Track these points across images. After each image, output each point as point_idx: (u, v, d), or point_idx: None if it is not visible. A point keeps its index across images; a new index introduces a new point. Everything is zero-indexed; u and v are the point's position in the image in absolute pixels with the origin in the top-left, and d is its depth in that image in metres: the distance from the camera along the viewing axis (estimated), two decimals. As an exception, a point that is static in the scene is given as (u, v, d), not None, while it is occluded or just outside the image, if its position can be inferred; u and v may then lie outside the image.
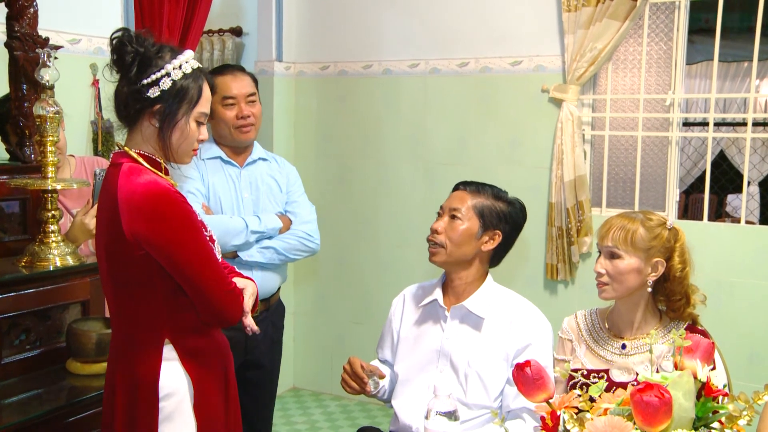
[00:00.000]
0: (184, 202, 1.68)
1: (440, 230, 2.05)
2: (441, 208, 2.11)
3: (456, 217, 2.04)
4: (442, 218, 2.08)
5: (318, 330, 4.41)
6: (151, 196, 1.63)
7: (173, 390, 1.71)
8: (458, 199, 2.08)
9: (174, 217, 1.65)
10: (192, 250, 1.66)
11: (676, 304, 1.96)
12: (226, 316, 1.74)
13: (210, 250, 1.71)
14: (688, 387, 1.24)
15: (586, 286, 3.55)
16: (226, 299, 1.73)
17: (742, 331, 3.24)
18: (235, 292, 1.76)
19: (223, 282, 1.72)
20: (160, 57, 1.69)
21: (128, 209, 1.63)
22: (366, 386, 2.00)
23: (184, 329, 1.74)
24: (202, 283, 1.67)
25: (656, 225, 1.95)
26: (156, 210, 1.63)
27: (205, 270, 1.68)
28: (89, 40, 3.15)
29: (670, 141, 3.53)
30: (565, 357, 2.07)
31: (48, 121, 2.15)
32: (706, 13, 5.39)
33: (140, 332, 1.73)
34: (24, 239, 2.33)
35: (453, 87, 3.88)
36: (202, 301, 1.70)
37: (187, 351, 1.73)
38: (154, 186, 1.65)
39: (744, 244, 3.28)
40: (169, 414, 1.70)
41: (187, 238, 1.66)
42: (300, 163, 3.91)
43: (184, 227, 1.66)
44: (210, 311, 1.71)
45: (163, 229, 1.63)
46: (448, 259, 2.06)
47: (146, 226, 1.63)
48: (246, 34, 4.46)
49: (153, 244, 1.63)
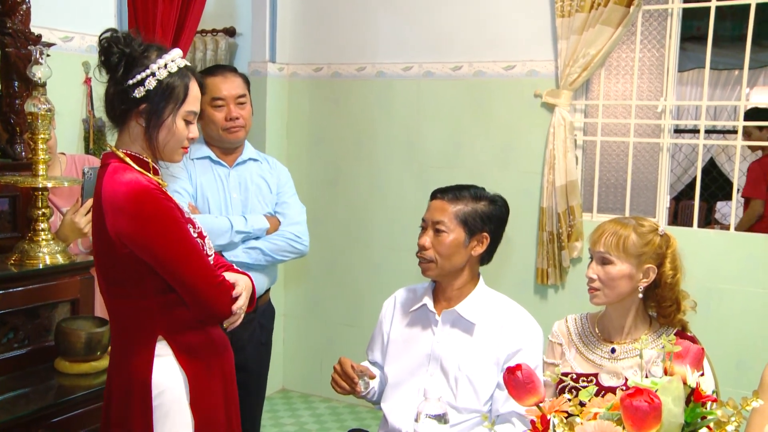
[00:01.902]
0: (165, 200, 1.69)
1: (427, 245, 2.03)
2: (423, 220, 2.08)
3: (440, 230, 2.02)
4: (426, 233, 2.05)
5: (308, 332, 4.40)
6: (132, 194, 1.64)
7: (167, 387, 1.71)
8: (439, 210, 2.05)
9: (155, 215, 1.66)
10: (175, 247, 1.67)
11: (667, 310, 1.97)
12: (216, 309, 1.75)
13: (195, 245, 1.72)
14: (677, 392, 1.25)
15: (576, 290, 3.56)
16: (214, 292, 1.73)
17: (730, 337, 3.26)
18: (224, 285, 1.76)
19: (210, 275, 1.72)
20: (145, 57, 1.70)
21: (111, 208, 1.65)
22: (356, 386, 2.01)
23: (178, 325, 1.74)
24: (189, 278, 1.68)
25: (648, 231, 1.95)
26: (137, 208, 1.64)
27: (190, 265, 1.68)
28: (82, 38, 3.13)
29: (661, 147, 3.55)
30: (554, 361, 2.08)
31: (39, 118, 2.14)
32: (698, 21, 5.43)
33: (133, 330, 1.73)
34: (14, 237, 2.32)
35: (446, 90, 3.88)
36: (190, 296, 1.70)
37: (182, 347, 1.74)
38: (135, 185, 1.65)
39: (733, 251, 3.30)
40: (164, 411, 1.70)
41: (170, 234, 1.67)
42: (292, 164, 3.90)
43: (166, 224, 1.67)
44: (199, 305, 1.72)
45: (145, 227, 1.64)
46: (441, 272, 2.05)
47: (128, 224, 1.64)
48: (239, 34, 4.45)
49: (136, 243, 1.65)
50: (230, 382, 1.87)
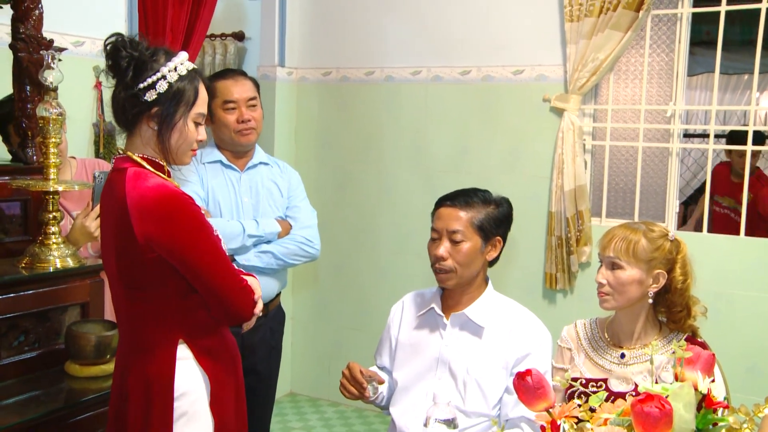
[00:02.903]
0: (193, 204, 1.71)
1: (445, 256, 2.00)
2: (435, 230, 2.03)
3: (458, 240, 1.99)
4: (441, 242, 2.01)
5: (316, 336, 4.40)
6: (162, 199, 1.66)
7: (189, 389, 1.73)
8: (452, 218, 2.01)
9: (185, 219, 1.68)
10: (204, 250, 1.69)
11: (677, 316, 1.96)
12: (240, 312, 1.77)
13: (221, 249, 1.75)
14: (688, 398, 1.24)
15: (584, 295, 3.55)
16: (239, 296, 1.76)
17: (740, 342, 3.24)
18: (247, 289, 1.79)
19: (235, 279, 1.75)
20: (155, 60, 1.71)
21: (139, 213, 1.66)
22: (365, 391, 2.00)
23: (198, 328, 1.76)
24: (216, 282, 1.70)
25: (658, 236, 1.95)
26: (167, 213, 1.66)
27: (217, 269, 1.71)
28: (93, 43, 3.15)
29: (670, 152, 3.54)
30: (563, 366, 2.07)
31: (51, 122, 2.15)
32: (707, 26, 5.42)
33: (154, 333, 1.74)
34: (24, 240, 2.33)
35: (454, 95, 3.88)
36: (215, 300, 1.73)
37: (203, 350, 1.76)
38: (163, 189, 1.68)
39: (743, 256, 3.29)
40: (184, 413, 1.72)
41: (199, 238, 1.69)
42: (301, 168, 3.89)
43: (195, 228, 1.69)
44: (223, 309, 1.74)
45: (174, 231, 1.66)
46: (459, 281, 2.04)
47: (158, 229, 1.65)
48: (248, 38, 4.47)
49: (165, 247, 1.66)
50: (241, 385, 1.90)
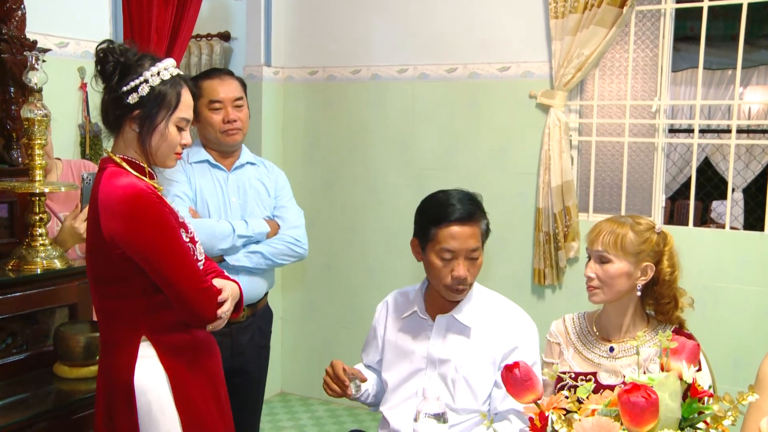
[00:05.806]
0: (159, 203, 1.73)
1: (465, 274, 1.97)
2: (450, 251, 1.95)
3: (475, 257, 1.99)
4: (459, 262, 1.96)
5: (306, 335, 4.40)
6: (127, 197, 1.69)
7: (150, 387, 1.74)
8: (469, 236, 1.96)
9: (148, 218, 1.70)
10: (166, 250, 1.71)
11: (665, 308, 1.98)
12: (201, 313, 1.79)
13: (184, 250, 1.76)
14: (674, 388, 1.26)
15: (573, 290, 3.57)
16: (200, 297, 1.77)
17: (726, 335, 3.27)
18: (211, 290, 1.80)
19: (197, 280, 1.77)
20: (139, 65, 1.76)
21: (106, 210, 1.70)
22: (347, 389, 2.01)
23: (163, 327, 1.78)
24: (176, 281, 1.72)
25: (645, 229, 1.96)
26: (131, 211, 1.69)
27: (178, 268, 1.73)
28: (77, 44, 3.14)
29: (656, 147, 3.56)
30: (553, 360, 2.08)
31: (36, 124, 2.14)
32: (691, 21, 5.45)
33: (119, 330, 1.77)
34: (11, 242, 2.32)
35: (441, 92, 3.89)
36: (177, 299, 1.74)
37: (166, 348, 1.77)
38: (130, 188, 1.70)
39: (729, 250, 3.32)
40: (148, 411, 1.74)
41: (162, 238, 1.71)
42: (288, 168, 3.91)
43: (159, 227, 1.71)
44: (184, 308, 1.76)
45: (138, 230, 1.69)
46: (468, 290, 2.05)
47: (122, 226, 1.68)
48: (234, 38, 4.46)
49: (129, 244, 1.69)
50: (219, 383, 1.90)
